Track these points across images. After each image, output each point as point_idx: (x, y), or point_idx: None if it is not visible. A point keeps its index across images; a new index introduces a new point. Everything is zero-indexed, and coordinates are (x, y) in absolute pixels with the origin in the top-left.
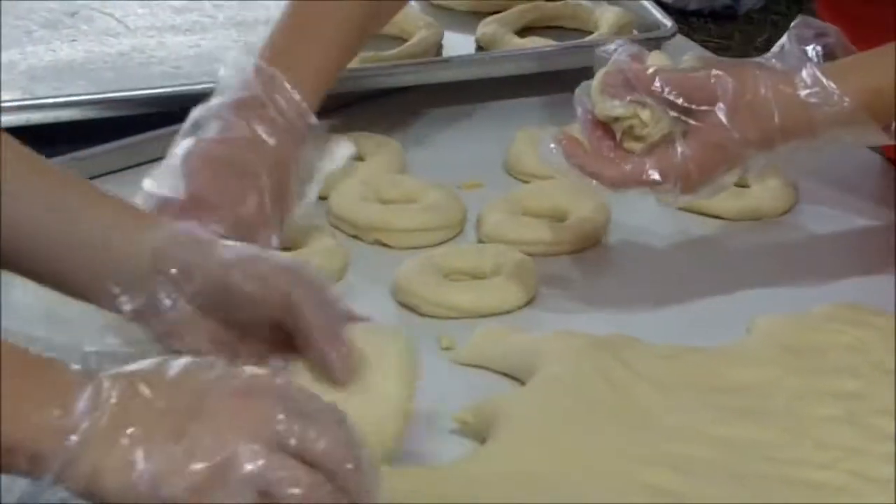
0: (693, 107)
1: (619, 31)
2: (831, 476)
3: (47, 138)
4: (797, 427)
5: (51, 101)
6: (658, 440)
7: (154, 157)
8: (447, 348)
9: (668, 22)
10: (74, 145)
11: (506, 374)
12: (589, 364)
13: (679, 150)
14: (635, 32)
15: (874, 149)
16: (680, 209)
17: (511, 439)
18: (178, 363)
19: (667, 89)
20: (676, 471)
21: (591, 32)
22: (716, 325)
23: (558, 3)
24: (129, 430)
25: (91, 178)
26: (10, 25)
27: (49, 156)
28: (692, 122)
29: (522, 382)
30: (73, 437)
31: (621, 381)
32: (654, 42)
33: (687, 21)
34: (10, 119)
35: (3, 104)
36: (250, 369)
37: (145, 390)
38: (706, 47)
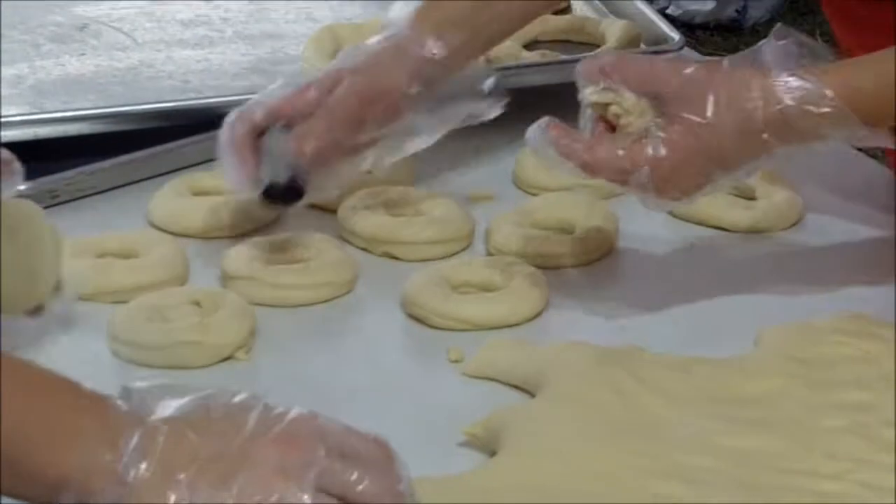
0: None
1: (627, 44)
2: (840, 487)
3: (56, 152)
4: (806, 438)
5: (59, 115)
6: (668, 451)
7: (163, 170)
8: (456, 361)
9: (675, 35)
10: (83, 159)
11: (515, 386)
12: (598, 376)
13: (651, 142)
14: (643, 46)
15: (880, 160)
16: (687, 221)
17: (521, 452)
18: (220, 404)
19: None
20: (686, 482)
21: (598, 46)
22: (723, 336)
23: (566, 16)
24: (179, 477)
25: (100, 192)
26: (18, 40)
27: (57, 170)
28: (669, 110)
29: (532, 394)
30: (124, 482)
31: (630, 393)
32: (662, 55)
33: (693, 34)
34: (18, 133)
35: (12, 118)
36: (290, 411)
37: (192, 437)
38: None
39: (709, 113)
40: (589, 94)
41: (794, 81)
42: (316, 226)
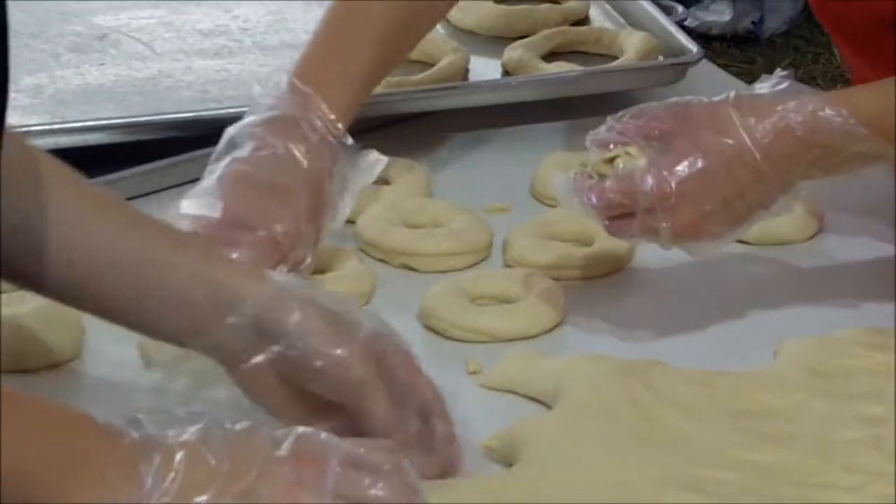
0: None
1: (644, 56)
2: (858, 500)
3: (76, 162)
4: (824, 451)
5: (79, 124)
6: (686, 464)
7: (182, 180)
8: (474, 372)
9: (693, 47)
10: (102, 169)
11: (533, 399)
12: (616, 388)
13: (651, 164)
14: (661, 58)
15: None
16: None
17: (537, 464)
18: (227, 429)
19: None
20: (704, 495)
21: (616, 57)
22: (742, 349)
23: (584, 28)
24: (200, 499)
25: None
26: (38, 49)
27: None
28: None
29: (549, 407)
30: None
31: (648, 406)
32: (681, 67)
33: (710, 45)
34: (38, 143)
35: (32, 128)
36: (298, 429)
37: (209, 458)
38: (729, 72)
39: (702, 136)
40: (595, 163)
41: (805, 103)
42: (334, 237)
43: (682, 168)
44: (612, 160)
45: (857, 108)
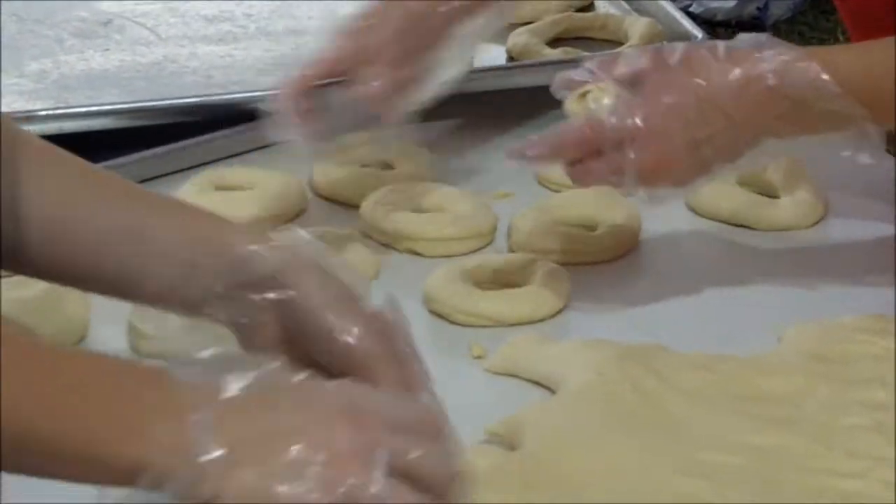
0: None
1: (649, 41)
2: (862, 485)
3: (80, 147)
4: (827, 436)
5: (83, 109)
6: (689, 449)
7: (186, 165)
8: (478, 357)
9: (698, 33)
10: (107, 154)
11: (536, 383)
12: (619, 373)
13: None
14: (665, 43)
15: None
16: (710, 219)
17: (540, 449)
18: (282, 381)
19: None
20: (708, 479)
21: (621, 43)
22: (746, 334)
23: (589, 14)
24: (253, 458)
25: None
26: (42, 35)
27: None
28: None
29: (553, 391)
30: (197, 460)
31: (651, 390)
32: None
33: (714, 31)
34: (43, 128)
35: (36, 113)
36: (345, 384)
37: (262, 415)
38: None
39: (673, 74)
40: (567, 102)
41: (780, 54)
42: (339, 221)
43: (652, 103)
44: (583, 95)
45: (833, 65)
